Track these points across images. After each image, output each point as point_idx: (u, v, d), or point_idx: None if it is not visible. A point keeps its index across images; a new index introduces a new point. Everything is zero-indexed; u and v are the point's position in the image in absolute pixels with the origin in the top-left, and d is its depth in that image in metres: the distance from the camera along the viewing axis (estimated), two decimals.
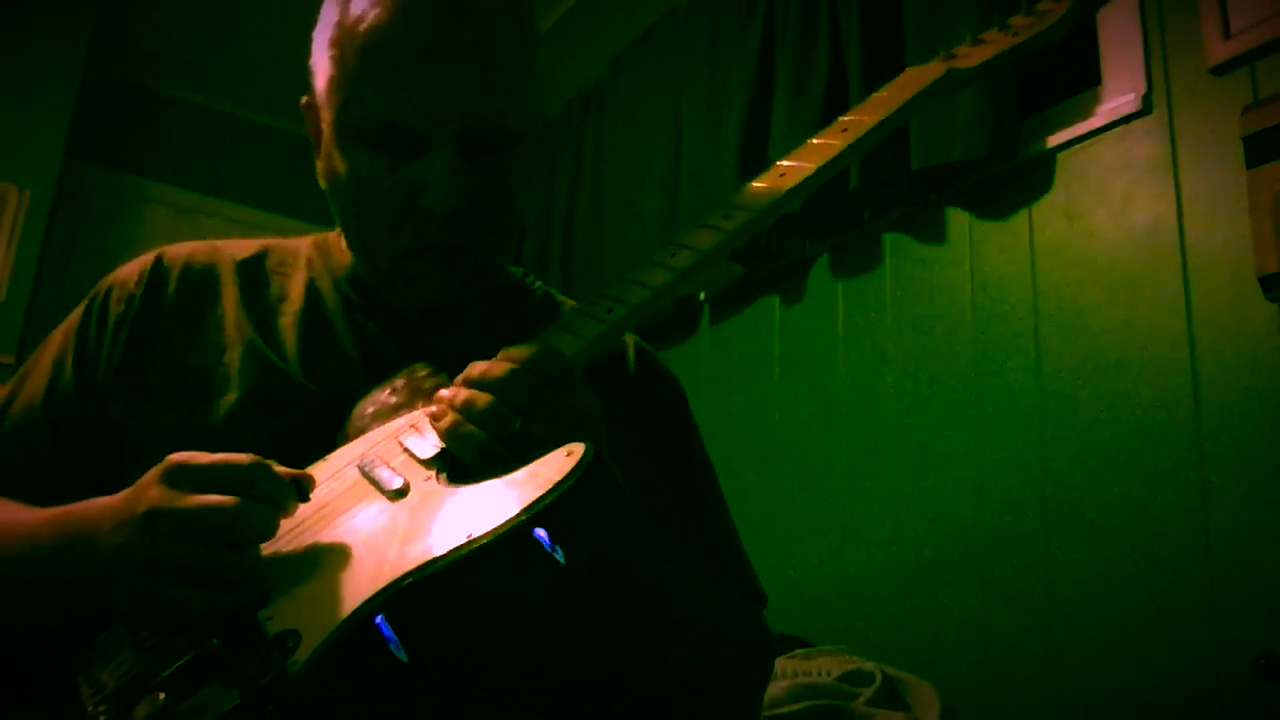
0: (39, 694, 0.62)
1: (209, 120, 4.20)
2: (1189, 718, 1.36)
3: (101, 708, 0.52)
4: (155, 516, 0.58)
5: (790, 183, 0.75)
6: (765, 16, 2.25)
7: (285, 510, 0.62)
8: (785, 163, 0.78)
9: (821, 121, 2.00)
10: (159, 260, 0.88)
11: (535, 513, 0.53)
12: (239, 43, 3.79)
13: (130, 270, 0.88)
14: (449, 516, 0.56)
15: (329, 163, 0.80)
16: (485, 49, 0.76)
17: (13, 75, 3.24)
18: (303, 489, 0.63)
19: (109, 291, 0.86)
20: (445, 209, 0.75)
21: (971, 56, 0.84)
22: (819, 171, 0.76)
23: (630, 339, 0.92)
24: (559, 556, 0.53)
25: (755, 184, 0.77)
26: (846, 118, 0.81)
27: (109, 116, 3.90)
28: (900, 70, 0.85)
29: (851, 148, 0.78)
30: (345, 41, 0.76)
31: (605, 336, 0.69)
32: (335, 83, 0.78)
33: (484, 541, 0.52)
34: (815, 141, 0.79)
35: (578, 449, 0.56)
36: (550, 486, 0.54)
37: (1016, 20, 0.85)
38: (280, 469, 0.62)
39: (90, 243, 3.73)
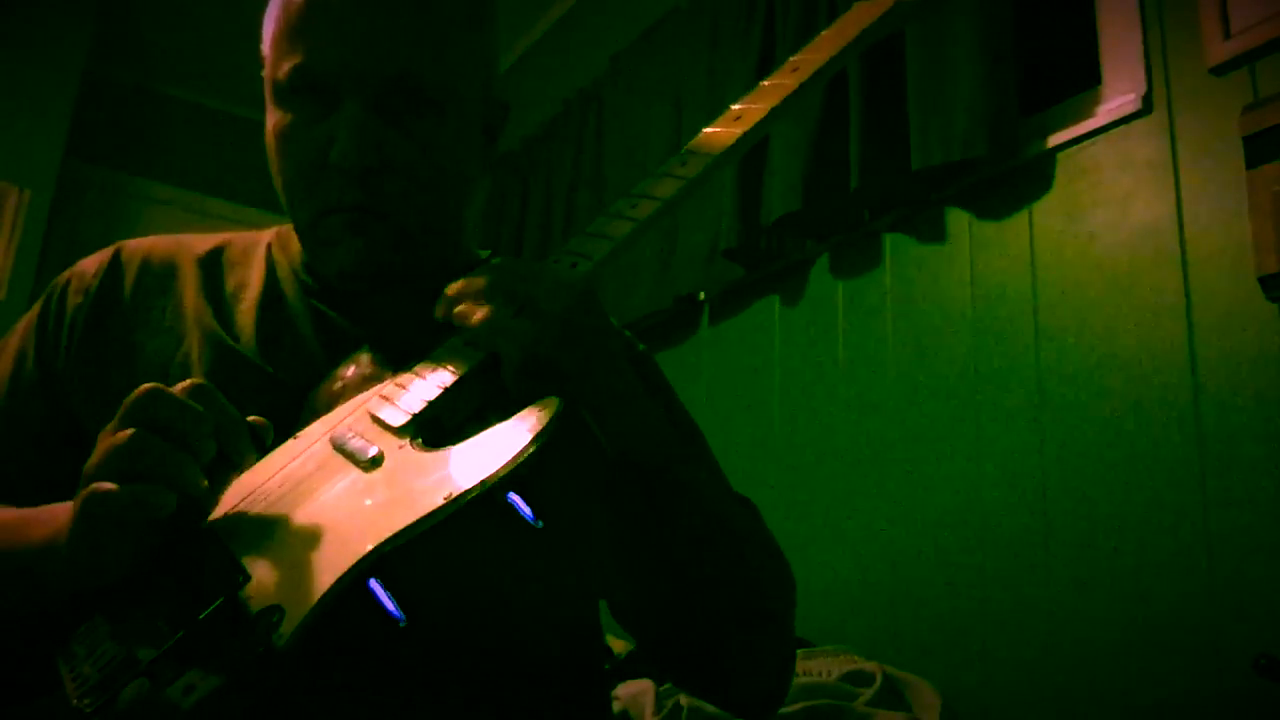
0: (17, 690, 0.61)
1: (209, 120, 4.20)
2: (1189, 718, 1.36)
3: (85, 700, 0.51)
4: (85, 474, 0.57)
5: (745, 125, 0.75)
6: (765, 16, 2.25)
7: (245, 457, 0.60)
8: (738, 106, 0.78)
9: (821, 121, 2.01)
10: (118, 253, 0.88)
11: (512, 469, 0.53)
12: (239, 43, 3.78)
13: (89, 263, 0.88)
14: (426, 480, 0.56)
15: (267, 127, 0.80)
16: (415, 9, 0.75)
17: (13, 75, 3.24)
18: (259, 437, 0.62)
19: (67, 284, 0.86)
20: (350, 162, 0.74)
21: None
22: (773, 112, 0.76)
23: None
24: (536, 522, 0.53)
25: (710, 129, 0.77)
26: (796, 57, 0.81)
27: (109, 116, 3.90)
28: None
29: (804, 86, 0.78)
30: (285, 2, 0.77)
31: None
32: (272, 42, 0.78)
33: (463, 501, 0.52)
34: (767, 83, 0.80)
35: (551, 403, 0.57)
36: (527, 441, 0.54)
37: None
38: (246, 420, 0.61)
39: (90, 243, 3.71)
